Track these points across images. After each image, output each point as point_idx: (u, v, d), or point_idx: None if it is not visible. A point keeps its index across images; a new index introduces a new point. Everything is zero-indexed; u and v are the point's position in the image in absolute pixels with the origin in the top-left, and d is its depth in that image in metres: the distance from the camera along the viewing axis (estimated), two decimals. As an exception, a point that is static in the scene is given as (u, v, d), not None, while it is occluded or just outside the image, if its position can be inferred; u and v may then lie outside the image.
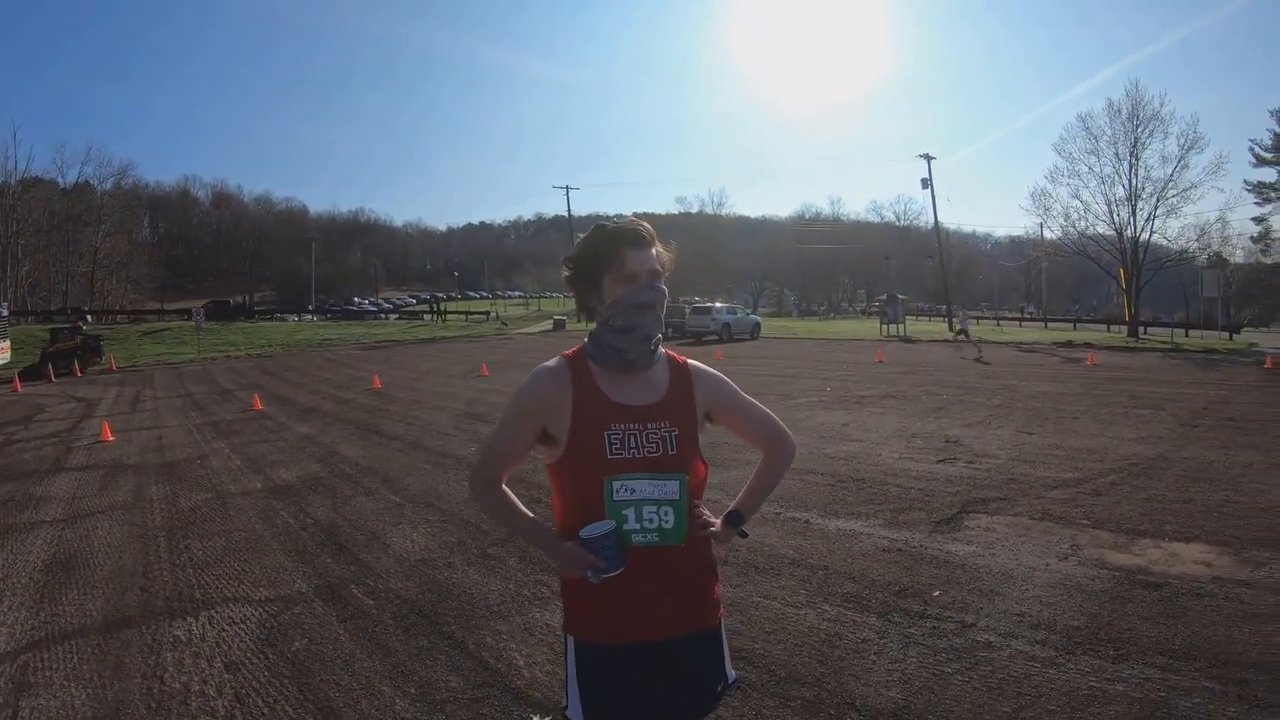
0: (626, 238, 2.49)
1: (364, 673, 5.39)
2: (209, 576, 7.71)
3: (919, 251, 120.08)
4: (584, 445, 2.39)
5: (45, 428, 20.38)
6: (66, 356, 41.11)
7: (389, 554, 8.12)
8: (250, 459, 13.82)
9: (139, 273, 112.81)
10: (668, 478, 2.37)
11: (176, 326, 67.62)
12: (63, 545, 9.10)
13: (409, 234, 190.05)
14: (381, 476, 11.89)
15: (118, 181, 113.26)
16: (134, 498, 11.40)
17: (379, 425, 17.15)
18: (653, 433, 2.40)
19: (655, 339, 2.51)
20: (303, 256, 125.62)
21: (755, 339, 49.79)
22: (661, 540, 2.37)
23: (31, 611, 7.03)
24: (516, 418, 2.54)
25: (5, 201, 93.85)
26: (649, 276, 2.47)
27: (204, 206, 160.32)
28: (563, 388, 2.46)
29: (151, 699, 5.20)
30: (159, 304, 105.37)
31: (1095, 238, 52.99)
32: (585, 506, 2.38)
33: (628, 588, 2.35)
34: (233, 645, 6.00)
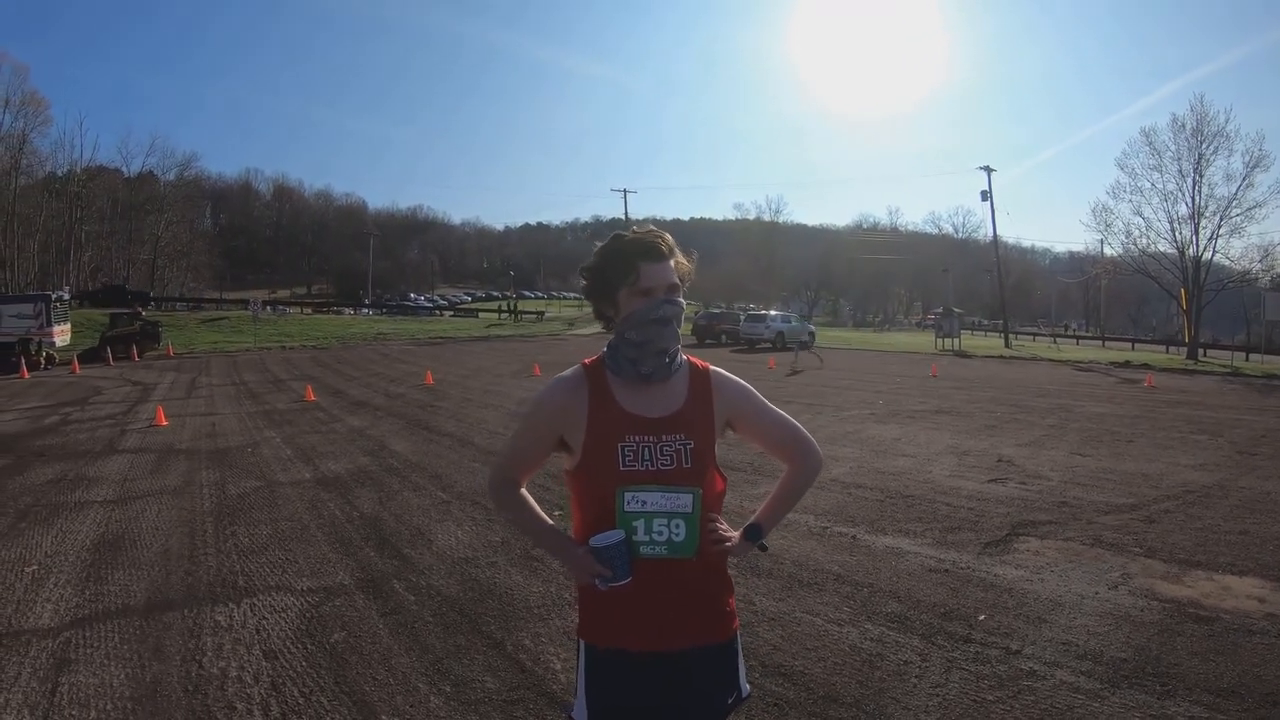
0: (643, 251, 2.44)
1: (401, 668, 5.40)
2: (253, 564, 7.79)
3: (976, 265, 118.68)
4: (597, 456, 2.42)
5: (101, 410, 20.80)
6: (124, 341, 41.85)
7: (432, 550, 8.14)
8: (301, 449, 13.95)
9: (199, 262, 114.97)
10: (680, 491, 2.37)
11: (234, 316, 68.49)
12: (111, 526, 9.25)
13: (466, 232, 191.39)
14: (430, 473, 11.93)
15: (181, 172, 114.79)
16: (184, 482, 11.56)
17: (429, 421, 17.23)
18: (667, 445, 2.41)
19: (672, 352, 2.49)
20: (360, 251, 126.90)
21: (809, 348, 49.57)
22: (670, 553, 2.38)
23: (77, 590, 7.15)
24: (534, 425, 2.59)
25: (70, 189, 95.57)
26: (666, 291, 2.44)
27: (265, 199, 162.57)
28: (579, 398, 2.49)
29: (189, 682, 5.25)
30: (218, 293, 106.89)
31: (1156, 255, 51.87)
32: (599, 515, 2.40)
33: (636, 597, 2.38)
34: (272, 633, 6.04)
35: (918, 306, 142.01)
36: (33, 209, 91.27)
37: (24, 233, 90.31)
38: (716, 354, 40.18)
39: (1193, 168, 48.38)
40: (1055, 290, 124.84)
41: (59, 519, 9.63)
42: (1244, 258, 49.90)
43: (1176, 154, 49.20)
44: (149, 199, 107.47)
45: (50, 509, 10.18)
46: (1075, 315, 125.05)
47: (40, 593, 7.11)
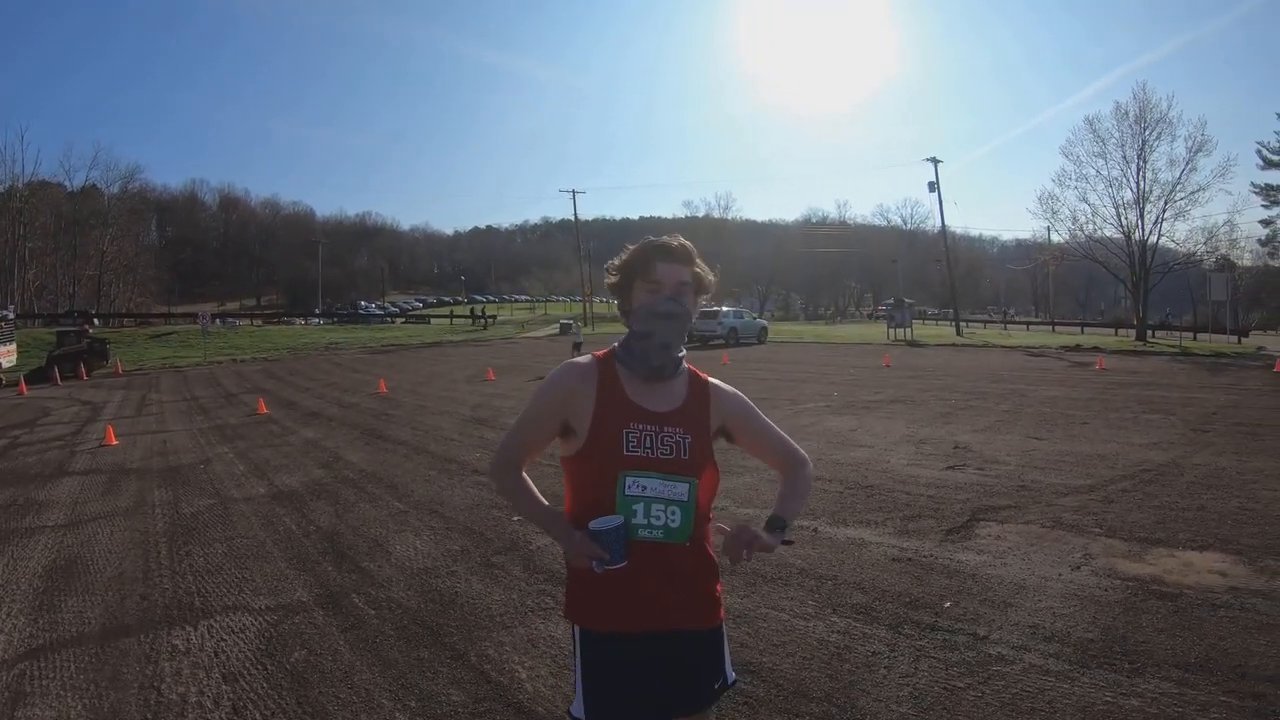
0: (660, 250, 2.66)
1: (364, 685, 5.31)
2: (209, 584, 7.63)
3: (926, 255, 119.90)
4: (602, 441, 2.55)
5: (50, 431, 20.34)
6: (72, 360, 41.15)
7: (391, 562, 8.04)
8: (254, 464, 13.75)
9: (146, 276, 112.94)
10: (678, 479, 2.51)
11: (183, 330, 67.64)
12: (64, 551, 9.03)
13: (416, 238, 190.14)
14: (386, 483, 11.82)
15: (125, 185, 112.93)
16: (136, 503, 11.31)
17: (384, 430, 17.09)
18: (668, 436, 2.55)
19: (674, 348, 2.64)
20: (310, 260, 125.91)
21: (762, 343, 49.61)
22: (666, 538, 2.52)
23: (30, 619, 6.95)
24: (542, 408, 2.70)
25: (12, 205, 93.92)
26: (674, 289, 2.62)
27: (211, 210, 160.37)
28: (588, 385, 2.63)
29: (148, 710, 5.11)
30: (166, 307, 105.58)
31: (1103, 241, 52.82)
32: (597, 499, 2.53)
33: (630, 580, 2.49)
34: (231, 655, 5.91)
35: (868, 298, 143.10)
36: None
37: None
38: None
39: (1137, 154, 49.50)
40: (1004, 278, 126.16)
41: (8, 546, 9.35)
42: (1189, 240, 51.07)
43: (1120, 141, 50.35)
44: (93, 213, 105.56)
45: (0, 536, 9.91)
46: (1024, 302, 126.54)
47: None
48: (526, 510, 2.78)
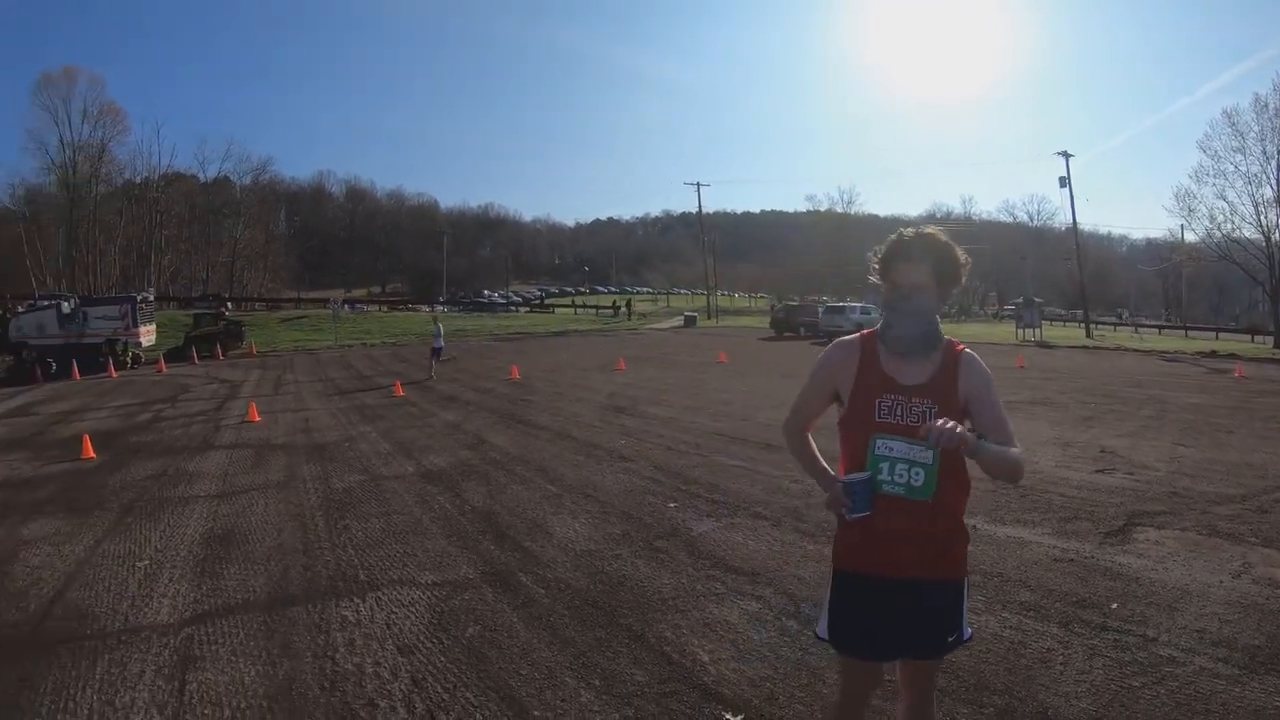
0: (900, 251, 3.06)
1: (544, 662, 5.26)
2: (371, 558, 7.67)
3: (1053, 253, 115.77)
4: (860, 408, 3.02)
5: (191, 407, 21.17)
6: (209, 340, 42.72)
7: (553, 543, 7.98)
8: (399, 443, 13.90)
9: (276, 263, 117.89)
10: (923, 444, 2.84)
11: (313, 315, 69.58)
12: (219, 520, 9.25)
13: (538, 229, 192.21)
14: (534, 465, 11.78)
15: (256, 176, 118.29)
16: (286, 477, 11.57)
17: (523, 415, 17.11)
18: (915, 406, 2.94)
19: (916, 334, 3.02)
20: (434, 250, 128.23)
21: None
22: (908, 494, 2.91)
23: (193, 585, 7.09)
24: (816, 379, 3.27)
25: (149, 195, 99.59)
26: (908, 288, 3.00)
27: (338, 201, 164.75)
28: (852, 359, 3.12)
29: (325, 679, 5.12)
30: (295, 293, 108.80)
31: (1241, 241, 49.83)
32: (856, 457, 3.00)
33: (874, 527, 2.94)
34: (404, 628, 5.90)
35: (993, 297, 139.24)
36: (113, 215, 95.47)
37: (105, 238, 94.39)
38: (797, 346, 39.61)
39: (1277, 149, 46.39)
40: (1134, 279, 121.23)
41: (164, 514, 9.66)
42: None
43: (1260, 135, 46.87)
44: (225, 203, 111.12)
45: (155, 504, 10.24)
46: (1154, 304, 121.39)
47: (155, 588, 7.07)
48: (805, 465, 3.36)
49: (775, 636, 5.53)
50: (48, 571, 7.77)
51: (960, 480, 3.04)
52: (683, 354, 35.87)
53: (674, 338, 53.06)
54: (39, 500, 10.94)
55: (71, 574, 7.63)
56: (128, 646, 5.78)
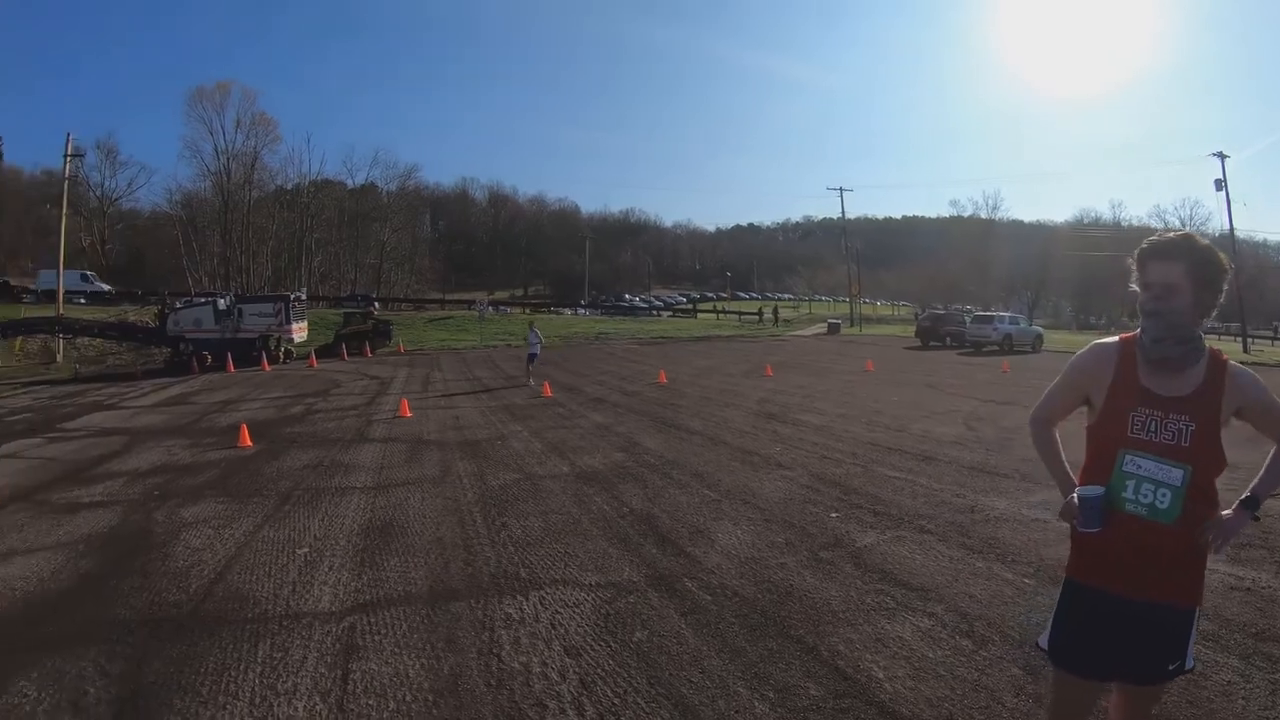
0: (1155, 249, 2.90)
1: (715, 670, 5.07)
2: (532, 556, 7.57)
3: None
4: (1111, 419, 2.92)
5: (342, 401, 21.82)
6: (359, 338, 44.03)
7: (716, 549, 7.73)
8: (551, 443, 13.88)
9: (421, 265, 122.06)
10: (1174, 465, 2.75)
11: (458, 316, 70.95)
12: (377, 512, 9.35)
13: (678, 234, 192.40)
14: (689, 470, 11.55)
15: (403, 182, 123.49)
16: (441, 472, 11.65)
17: (673, 419, 16.92)
18: (1171, 423, 2.80)
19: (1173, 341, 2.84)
20: (575, 254, 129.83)
21: (1037, 352, 46.31)
22: (1150, 515, 2.79)
23: (353, 574, 7.13)
24: (1068, 380, 3.21)
25: (300, 200, 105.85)
26: (1160, 289, 2.85)
27: (481, 206, 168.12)
28: (1108, 365, 3.00)
29: (491, 676, 5.03)
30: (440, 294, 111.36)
31: None
32: (1100, 468, 2.92)
33: (1109, 545, 2.86)
34: (570, 629, 5.76)
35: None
36: (265, 219, 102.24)
37: (257, 240, 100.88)
38: (941, 356, 38.58)
39: None
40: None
41: (322, 503, 9.83)
42: None
43: None
44: (374, 208, 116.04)
45: (312, 493, 10.44)
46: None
47: (315, 575, 7.12)
48: (1047, 464, 3.31)
49: (950, 655, 5.25)
50: (208, 554, 7.96)
51: (1209, 500, 2.86)
52: (829, 361, 35.29)
53: (819, 345, 52.36)
54: (198, 485, 11.32)
55: (232, 557, 7.80)
56: (289, 632, 5.80)
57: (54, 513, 10.15)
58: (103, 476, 12.35)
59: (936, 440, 13.54)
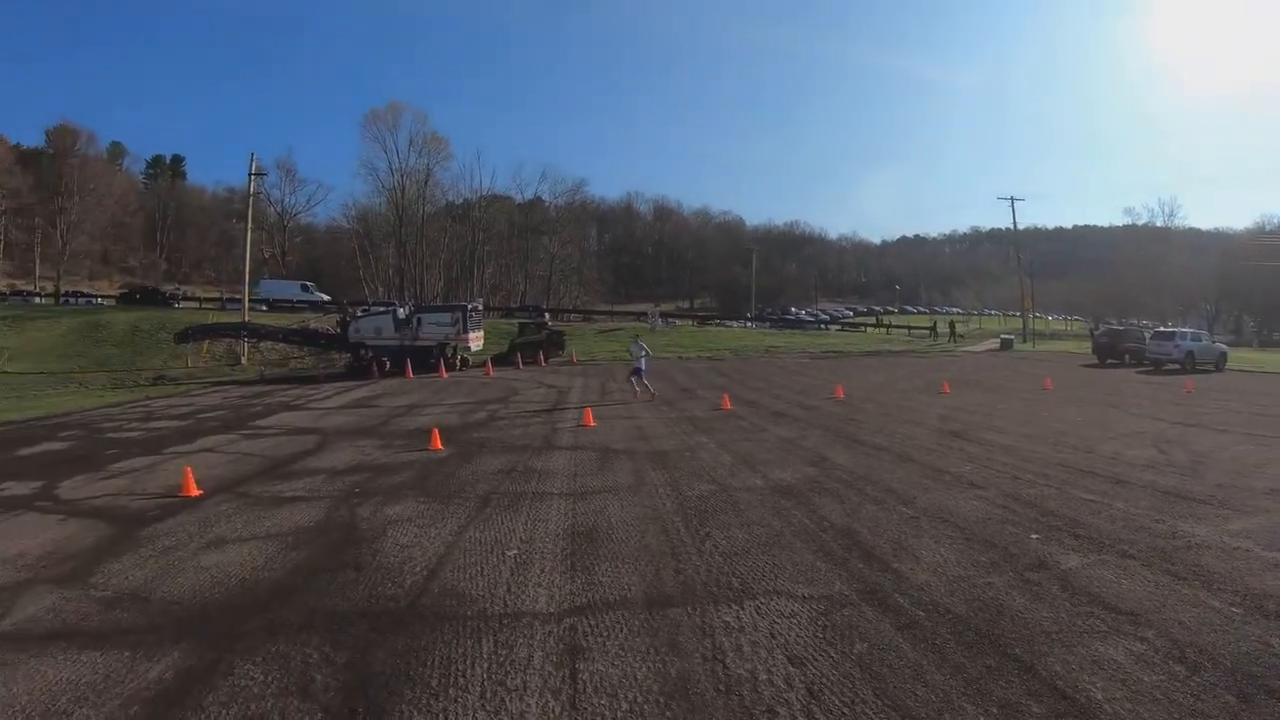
0: None
1: (938, 685, 5.11)
2: (740, 566, 7.64)
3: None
4: None
5: (522, 408, 22.47)
6: (533, 347, 45.08)
7: (922, 566, 7.67)
8: (739, 456, 13.93)
9: (590, 277, 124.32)
10: None
11: (629, 326, 71.89)
12: (579, 518, 9.59)
13: (843, 246, 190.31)
14: (882, 486, 11.44)
15: (571, 197, 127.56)
16: (635, 481, 11.86)
17: (857, 435, 16.76)
18: None
19: None
20: (739, 266, 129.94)
21: (1220, 371, 43.54)
22: None
23: (565, 577, 7.35)
24: None
25: (472, 214, 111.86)
26: None
27: (646, 219, 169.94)
28: None
29: (718, 682, 5.13)
30: (609, 305, 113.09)
31: None
32: None
33: None
34: (790, 638, 5.82)
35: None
36: (438, 232, 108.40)
37: (430, 252, 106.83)
38: (1120, 375, 37.04)
39: None
40: None
41: (523, 507, 10.17)
42: None
43: None
44: (542, 222, 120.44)
45: (511, 497, 10.80)
46: None
47: (528, 577, 7.37)
48: None
49: (1165, 680, 5.16)
50: (418, 551, 8.35)
51: None
52: (1005, 379, 34.28)
53: (991, 361, 50.92)
54: (397, 484, 11.88)
55: (442, 556, 8.16)
56: (510, 630, 6.03)
57: (258, 505, 10.88)
58: (301, 473, 13.08)
59: (1128, 463, 13.08)
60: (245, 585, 7.44)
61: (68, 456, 15.96)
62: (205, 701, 5.05)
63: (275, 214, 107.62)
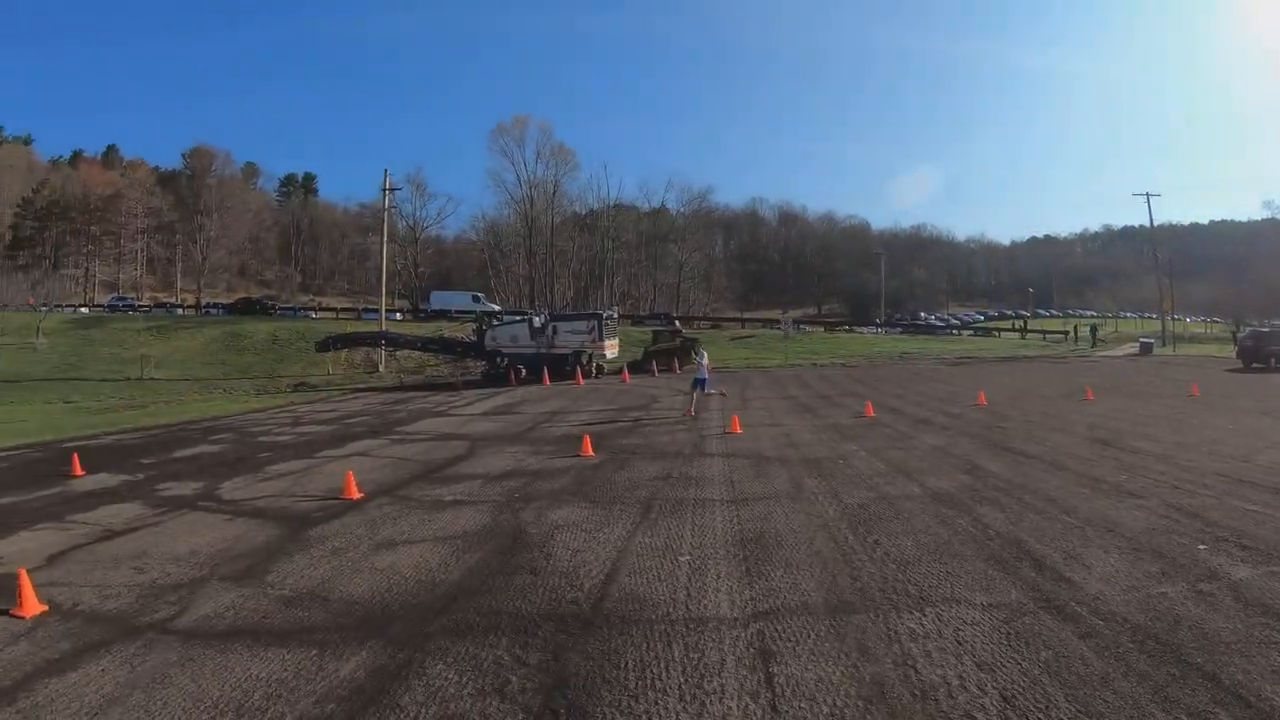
0: None
1: (1126, 692, 5.15)
2: (914, 574, 7.72)
3: None
4: None
5: (665, 415, 22.84)
6: (667, 355, 45.41)
7: (1093, 575, 7.61)
8: (892, 464, 13.93)
9: (718, 284, 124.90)
10: None
11: (760, 334, 71.74)
12: (744, 525, 9.77)
13: (972, 248, 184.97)
14: (1041, 495, 11.30)
15: (699, 204, 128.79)
16: (793, 489, 11.95)
17: (1006, 443, 16.53)
18: None
19: None
20: (867, 271, 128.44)
21: None
22: None
23: (743, 583, 7.54)
24: None
25: (599, 224, 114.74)
26: None
27: (771, 225, 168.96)
28: None
29: (913, 687, 5.24)
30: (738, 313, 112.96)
31: None
32: None
33: None
34: (976, 645, 5.89)
35: None
36: (566, 242, 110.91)
37: (559, 262, 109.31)
38: (1269, 380, 35.58)
39: None
40: None
41: (686, 513, 10.42)
42: None
43: None
44: (670, 230, 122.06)
45: (673, 504, 11.07)
46: None
47: (705, 582, 7.60)
48: None
49: None
50: (590, 555, 8.67)
51: None
52: (1148, 385, 33.15)
53: (1132, 366, 49.28)
54: (555, 490, 12.30)
55: (615, 560, 8.44)
56: (698, 634, 6.23)
57: (420, 508, 11.41)
58: (457, 477, 13.60)
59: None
60: (423, 586, 7.83)
61: (224, 459, 16.88)
62: (402, 701, 5.32)
63: (406, 227, 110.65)
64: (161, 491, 13.35)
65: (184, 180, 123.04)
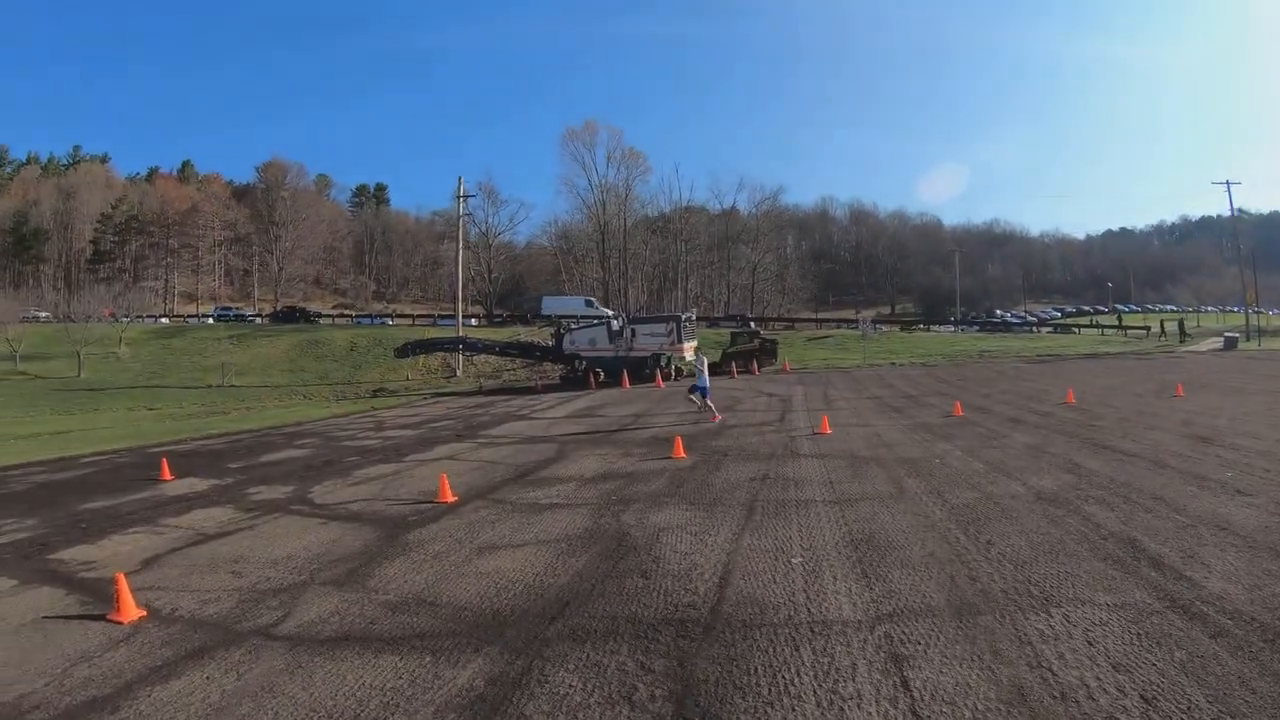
0: None
1: (1266, 692, 5.10)
2: (1032, 574, 7.63)
3: None
4: None
5: (752, 417, 22.72)
6: (746, 356, 45.30)
7: (1214, 575, 7.47)
8: (989, 463, 13.77)
9: (791, 285, 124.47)
10: None
11: (837, 334, 71.50)
12: (852, 526, 9.72)
13: (1046, 243, 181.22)
14: (1147, 494, 11.09)
15: (771, 204, 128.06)
16: (895, 489, 11.89)
17: (1102, 440, 16.25)
18: None
19: None
20: (940, 269, 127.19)
21: None
22: None
23: (861, 585, 7.51)
24: None
25: (671, 226, 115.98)
26: None
27: (842, 224, 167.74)
28: None
29: (1052, 689, 5.21)
30: (813, 313, 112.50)
31: None
32: None
33: None
34: (1108, 646, 5.84)
35: None
36: (639, 245, 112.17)
37: (632, 265, 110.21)
38: None
39: None
40: None
41: (790, 514, 10.40)
42: None
43: None
44: (742, 231, 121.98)
45: (775, 505, 11.04)
46: None
47: (822, 584, 7.58)
48: None
49: None
50: (700, 558, 8.67)
51: None
52: (1239, 380, 32.19)
53: (1219, 361, 48.05)
54: (653, 492, 12.34)
55: (726, 563, 8.44)
56: (824, 638, 6.21)
57: (517, 511, 11.53)
58: (550, 480, 13.76)
59: None
60: (532, 591, 7.86)
61: (311, 463, 17.19)
62: (527, 710, 5.30)
63: (479, 233, 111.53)
64: (252, 495, 13.69)
65: (258, 193, 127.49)
